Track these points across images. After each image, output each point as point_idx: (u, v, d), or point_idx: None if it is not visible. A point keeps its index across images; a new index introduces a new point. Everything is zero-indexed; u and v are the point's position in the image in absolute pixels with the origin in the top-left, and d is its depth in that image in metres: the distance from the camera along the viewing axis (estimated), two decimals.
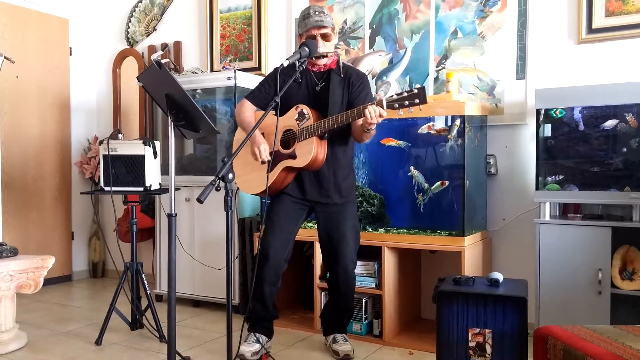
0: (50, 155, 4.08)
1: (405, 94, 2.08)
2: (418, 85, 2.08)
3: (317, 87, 2.41)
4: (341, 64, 2.44)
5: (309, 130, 2.30)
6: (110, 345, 2.66)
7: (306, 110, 2.34)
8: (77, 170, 4.25)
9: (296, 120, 2.36)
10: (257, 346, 2.39)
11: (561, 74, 2.76)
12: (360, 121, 2.21)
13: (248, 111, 2.48)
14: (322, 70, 2.42)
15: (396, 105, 2.09)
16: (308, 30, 2.34)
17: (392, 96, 2.11)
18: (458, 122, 2.60)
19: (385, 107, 2.10)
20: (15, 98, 3.85)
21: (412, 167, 2.72)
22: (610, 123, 2.40)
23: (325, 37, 2.35)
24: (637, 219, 2.38)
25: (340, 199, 2.42)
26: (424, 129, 2.71)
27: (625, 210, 2.51)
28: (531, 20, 2.81)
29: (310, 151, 2.29)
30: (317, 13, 2.34)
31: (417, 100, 2.06)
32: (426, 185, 2.69)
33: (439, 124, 2.67)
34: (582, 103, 2.47)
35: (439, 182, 2.67)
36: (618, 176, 2.41)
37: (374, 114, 2.10)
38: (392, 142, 2.77)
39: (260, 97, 2.47)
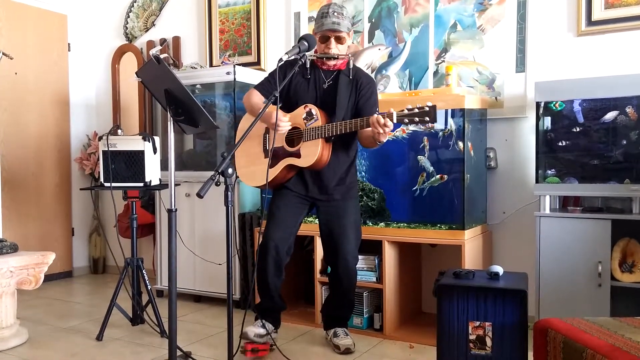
0: (50, 152, 4.08)
1: (417, 111, 2.10)
2: (429, 103, 2.08)
3: (325, 85, 2.41)
4: (351, 65, 2.44)
5: (317, 131, 2.31)
6: (112, 340, 2.67)
7: (315, 110, 2.34)
8: (77, 167, 4.25)
9: (304, 119, 2.36)
10: (262, 330, 2.39)
11: (561, 67, 2.75)
12: (369, 130, 2.22)
13: (257, 98, 2.46)
14: (331, 69, 2.42)
15: (406, 120, 2.11)
16: (323, 31, 2.33)
17: (402, 111, 2.12)
18: (451, 121, 2.62)
19: (395, 120, 2.12)
20: (14, 95, 3.85)
21: (420, 156, 2.71)
22: (610, 115, 2.40)
23: (338, 40, 2.35)
24: (637, 211, 2.38)
25: (341, 196, 2.43)
26: (396, 132, 2.72)
27: (625, 202, 2.50)
28: (530, 13, 2.80)
29: (316, 152, 2.31)
30: (335, 14, 2.32)
31: (427, 119, 2.08)
32: (431, 169, 2.69)
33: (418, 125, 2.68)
34: (582, 96, 2.46)
35: (438, 176, 2.67)
36: (618, 169, 2.41)
37: (380, 122, 2.11)
38: (389, 135, 2.76)
39: (270, 88, 2.45)
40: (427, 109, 2.07)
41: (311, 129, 2.32)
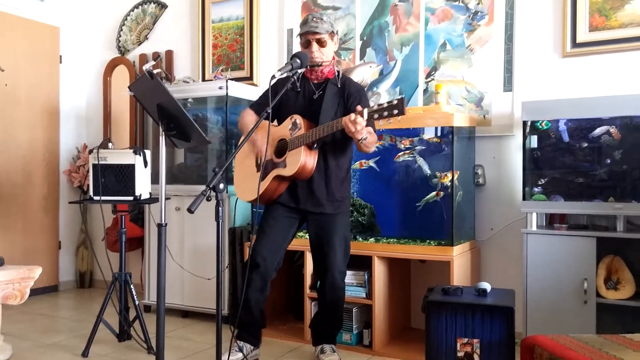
0: (39, 164, 4.05)
1: (385, 105, 2.11)
2: (398, 96, 2.11)
3: (315, 96, 2.45)
4: (340, 74, 2.47)
5: (299, 139, 2.33)
6: (97, 357, 2.63)
7: (299, 120, 2.37)
8: (65, 179, 4.22)
9: (289, 130, 2.39)
10: (239, 355, 2.37)
11: (547, 87, 2.81)
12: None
13: (250, 117, 2.53)
14: (320, 79, 2.46)
15: (376, 115, 2.13)
16: (303, 35, 2.42)
17: (372, 107, 2.16)
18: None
19: (365, 117, 2.14)
20: (4, 106, 3.83)
21: (417, 156, 2.76)
22: (599, 130, 2.45)
23: (320, 43, 2.40)
24: (620, 229, 2.43)
25: (333, 210, 2.44)
26: (355, 165, 2.82)
27: (610, 220, 2.55)
28: (518, 34, 2.86)
29: (298, 160, 2.32)
30: (314, 19, 2.40)
31: (395, 112, 2.09)
32: (429, 172, 2.74)
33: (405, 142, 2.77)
34: (567, 115, 2.52)
35: (434, 193, 2.71)
36: (602, 187, 2.46)
37: (350, 119, 2.13)
38: (364, 165, 2.87)
39: (263, 106, 2.50)
40: (395, 102, 2.09)
41: (294, 138, 2.36)
